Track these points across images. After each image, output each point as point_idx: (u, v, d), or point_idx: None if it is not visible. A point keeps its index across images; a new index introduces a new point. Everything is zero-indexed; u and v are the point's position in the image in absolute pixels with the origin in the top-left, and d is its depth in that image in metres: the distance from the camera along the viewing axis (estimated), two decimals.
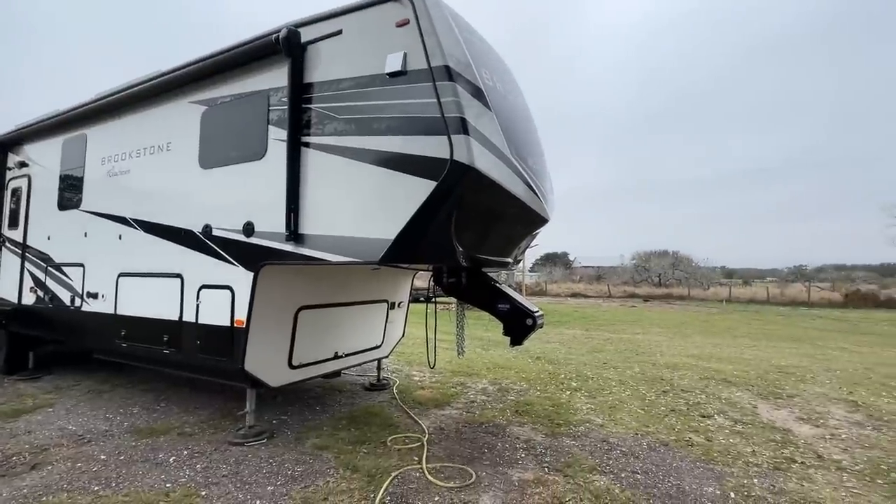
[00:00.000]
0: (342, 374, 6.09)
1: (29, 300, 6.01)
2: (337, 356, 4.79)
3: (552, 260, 59.15)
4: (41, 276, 5.85)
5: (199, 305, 4.13)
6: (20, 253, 6.20)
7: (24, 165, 6.34)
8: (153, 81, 4.64)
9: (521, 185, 3.41)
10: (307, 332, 4.31)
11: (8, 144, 6.55)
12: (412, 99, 3.09)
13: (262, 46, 3.79)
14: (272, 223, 3.67)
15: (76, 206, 5.48)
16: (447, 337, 6.15)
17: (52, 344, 6.29)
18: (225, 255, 3.99)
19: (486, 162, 3.03)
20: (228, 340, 3.89)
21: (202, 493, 3.10)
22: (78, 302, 5.32)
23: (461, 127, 2.93)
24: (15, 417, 4.55)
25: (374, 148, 3.24)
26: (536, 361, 7.83)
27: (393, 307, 5.55)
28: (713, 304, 27.21)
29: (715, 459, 3.84)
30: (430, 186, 2.99)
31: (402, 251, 3.16)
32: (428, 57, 3.03)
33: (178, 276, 4.32)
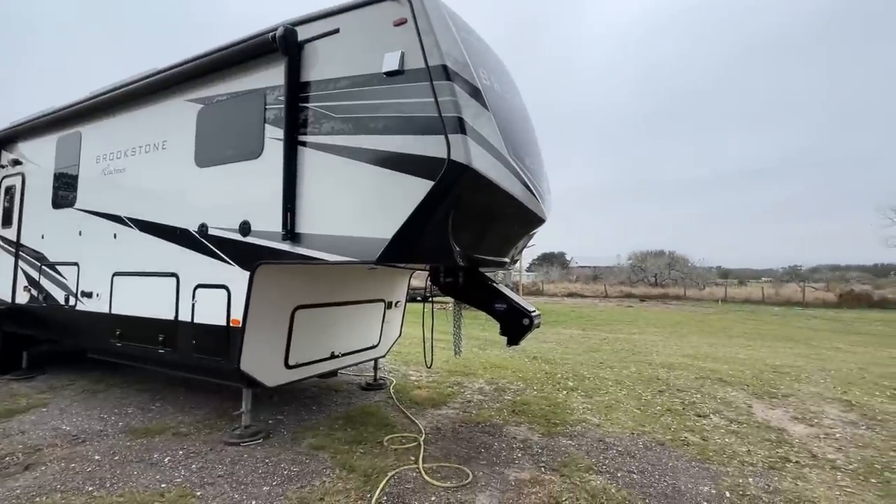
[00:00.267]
0: (339, 373, 6.08)
1: (23, 299, 5.97)
2: (333, 356, 4.78)
3: (549, 260, 59.28)
4: (35, 274, 5.81)
5: (194, 305, 4.11)
6: (14, 252, 6.15)
7: (17, 163, 6.29)
8: (149, 79, 4.61)
9: (518, 184, 3.41)
10: (304, 331, 4.30)
11: (2, 142, 6.49)
12: (409, 98, 3.08)
13: (258, 45, 3.77)
14: (269, 222, 3.66)
15: (71, 204, 5.44)
16: (444, 336, 6.15)
17: (46, 343, 6.25)
18: (221, 254, 3.97)
19: (483, 162, 3.02)
20: (224, 340, 3.87)
21: (197, 493, 3.08)
22: (72, 301, 5.28)
23: (458, 126, 2.92)
24: (8, 417, 4.52)
25: (371, 147, 3.23)
26: (533, 361, 7.84)
27: (390, 307, 5.54)
28: (709, 304, 27.35)
29: (710, 459, 3.85)
30: (427, 186, 2.99)
31: (399, 251, 3.15)
32: (425, 56, 3.02)
33: (173, 275, 4.29)
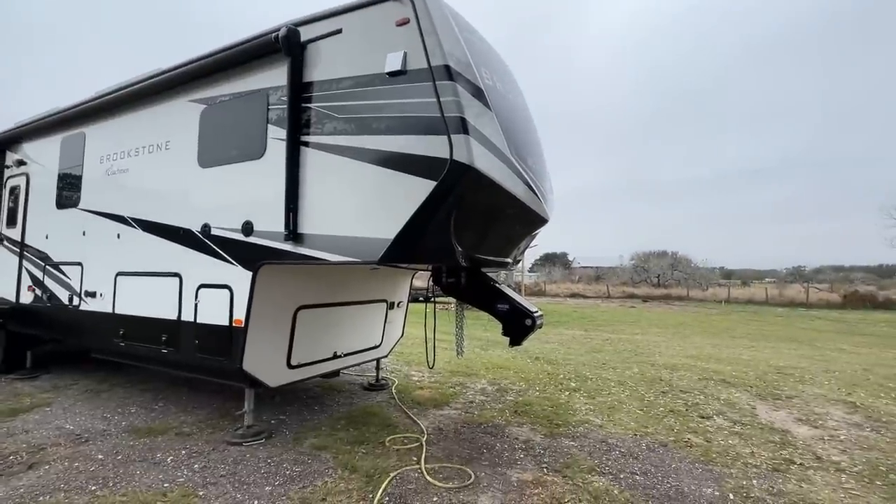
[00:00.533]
0: (341, 373, 6.07)
1: (27, 299, 5.99)
2: (336, 356, 4.78)
3: (551, 260, 59.21)
4: (39, 274, 5.83)
5: (197, 305, 4.12)
6: (18, 252, 6.18)
7: (22, 164, 6.32)
8: (152, 80, 4.63)
9: (520, 185, 3.41)
10: (306, 331, 4.30)
11: (6, 143, 6.53)
12: (412, 98, 3.08)
13: (261, 45, 3.78)
14: (271, 222, 3.66)
15: (74, 204, 5.46)
16: (446, 337, 6.14)
17: (50, 343, 6.27)
18: (224, 254, 3.98)
19: (485, 162, 3.02)
20: (227, 340, 3.88)
21: (200, 493, 3.09)
22: (76, 301, 5.30)
23: (461, 127, 2.92)
24: (12, 416, 4.54)
25: (373, 147, 3.23)
26: (535, 362, 7.83)
27: (392, 307, 5.54)
28: (712, 304, 27.25)
29: (714, 460, 3.83)
30: (429, 186, 2.99)
31: (401, 251, 3.15)
32: (428, 56, 3.02)
33: (176, 275, 4.30)
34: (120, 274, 4.86)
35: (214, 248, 4.05)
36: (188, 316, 4.17)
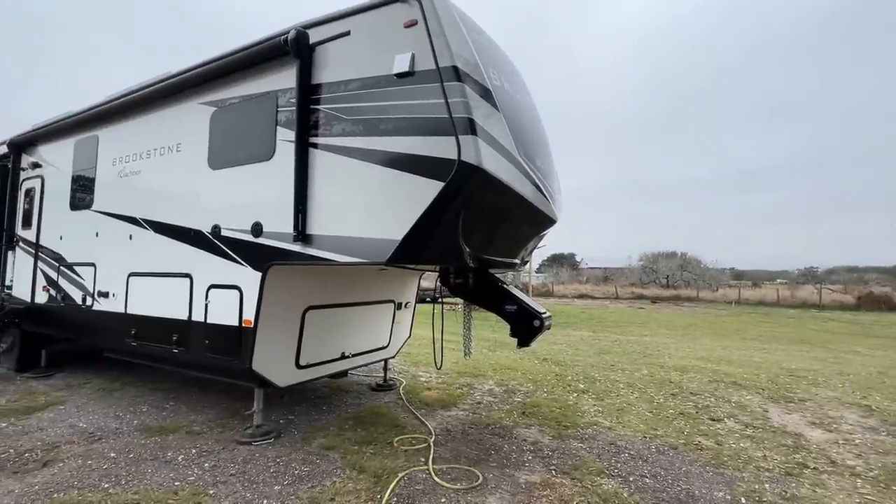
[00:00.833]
0: (349, 374, 6.10)
1: (42, 299, 6.10)
2: (344, 356, 4.80)
3: (559, 261, 58.89)
4: (54, 275, 5.93)
5: (207, 305, 4.16)
6: (33, 252, 6.29)
7: (37, 166, 6.43)
8: (163, 83, 4.69)
9: (528, 185, 3.40)
10: (314, 332, 4.32)
11: (22, 145, 6.65)
12: (420, 100, 3.08)
13: (270, 48, 3.81)
14: (280, 223, 3.69)
15: (88, 206, 5.55)
16: (454, 338, 6.14)
17: (64, 342, 6.37)
18: (233, 255, 4.02)
19: (493, 162, 3.01)
20: (236, 340, 3.91)
21: (210, 491, 3.11)
22: (89, 301, 5.38)
23: (469, 127, 2.92)
24: (27, 414, 4.62)
25: (381, 149, 3.24)
26: (543, 363, 7.80)
27: (399, 307, 5.55)
28: (722, 305, 26.94)
29: (725, 464, 3.79)
30: (437, 187, 2.99)
31: (409, 252, 3.16)
32: (436, 57, 3.02)
33: (187, 275, 4.35)
34: (132, 274, 4.92)
35: (224, 248, 4.09)
36: (199, 316, 4.22)
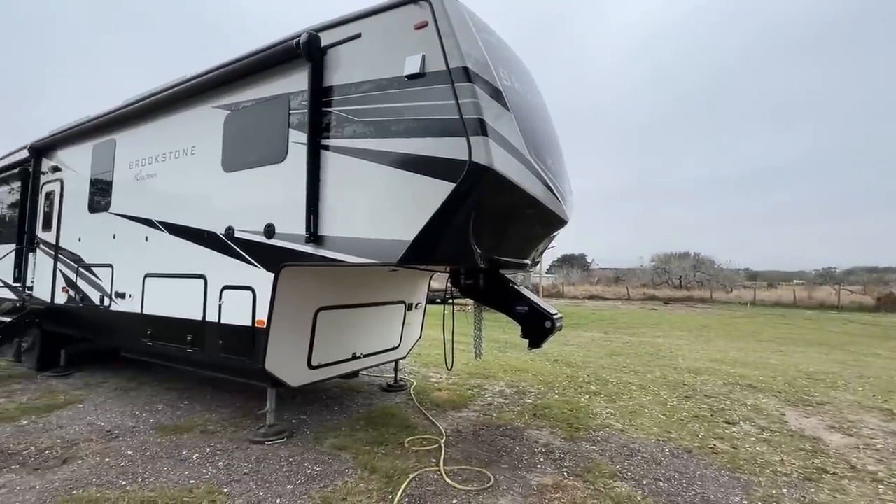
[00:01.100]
0: (360, 374, 6.13)
1: (61, 300, 6.24)
2: (355, 357, 4.82)
3: (569, 262, 58.46)
4: (72, 276, 6.06)
5: (221, 306, 4.22)
6: (53, 254, 6.44)
7: (57, 170, 6.59)
8: (178, 87, 4.77)
9: (539, 186, 3.38)
10: (326, 332, 4.35)
11: (42, 150, 6.81)
12: (431, 101, 3.09)
13: (282, 51, 3.85)
14: (292, 225, 3.72)
15: (105, 208, 5.66)
16: (464, 339, 6.13)
17: (82, 342, 6.51)
18: (247, 256, 4.07)
19: (504, 163, 3.01)
20: (250, 340, 3.96)
21: (224, 490, 3.15)
22: (107, 302, 5.49)
23: (480, 128, 2.92)
24: (48, 412, 4.73)
25: (392, 150, 3.25)
26: (554, 364, 7.75)
27: (410, 308, 5.57)
28: (736, 307, 26.48)
29: (741, 468, 3.72)
30: (448, 188, 2.99)
31: (420, 252, 3.17)
32: (446, 58, 3.03)
33: (201, 276, 4.42)
34: (148, 275, 5.01)
35: (238, 250, 4.14)
36: (212, 317, 4.28)
